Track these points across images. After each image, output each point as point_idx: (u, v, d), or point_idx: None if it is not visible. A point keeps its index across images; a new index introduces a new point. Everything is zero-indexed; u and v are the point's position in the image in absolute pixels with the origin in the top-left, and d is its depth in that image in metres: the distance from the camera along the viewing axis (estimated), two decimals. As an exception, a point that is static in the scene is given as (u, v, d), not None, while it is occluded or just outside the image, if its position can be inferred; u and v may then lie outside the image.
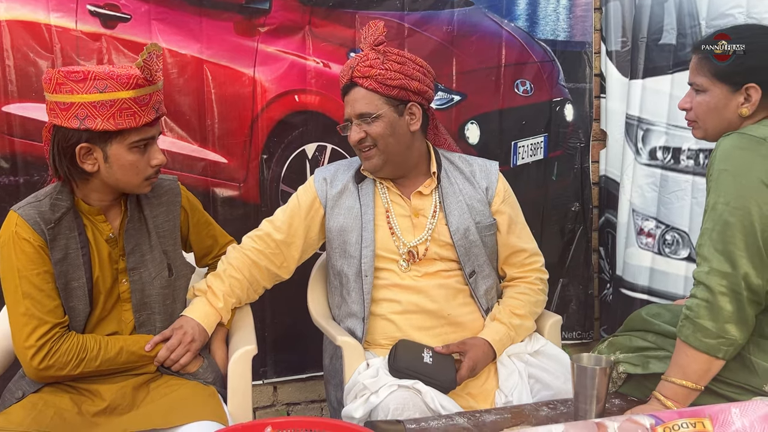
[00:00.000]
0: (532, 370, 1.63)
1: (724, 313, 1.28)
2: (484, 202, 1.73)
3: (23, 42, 2.12)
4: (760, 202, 1.26)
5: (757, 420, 0.89)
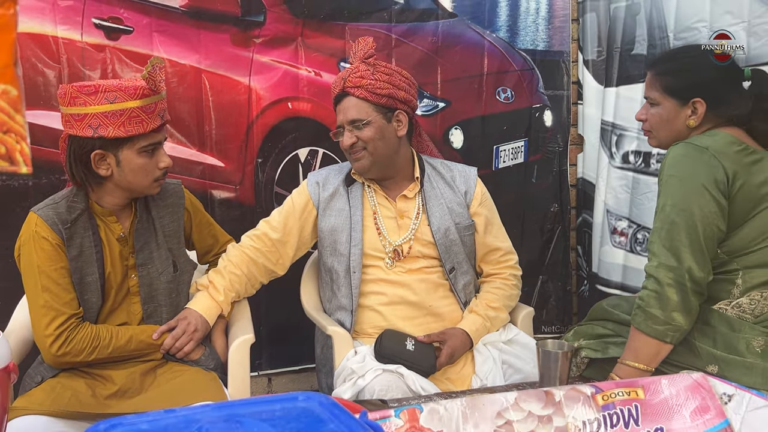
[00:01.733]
0: (505, 356, 1.78)
1: (671, 303, 1.44)
2: (463, 204, 1.88)
3: (32, 53, 2.23)
4: (702, 205, 1.42)
5: (683, 389, 1.05)
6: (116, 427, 0.69)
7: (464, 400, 0.97)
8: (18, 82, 0.65)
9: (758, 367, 1.42)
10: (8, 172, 0.65)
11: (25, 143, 0.68)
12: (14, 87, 0.64)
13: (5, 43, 0.63)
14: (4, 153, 0.66)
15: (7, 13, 0.62)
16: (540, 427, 0.98)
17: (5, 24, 0.62)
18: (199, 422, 0.69)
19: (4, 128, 0.64)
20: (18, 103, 0.64)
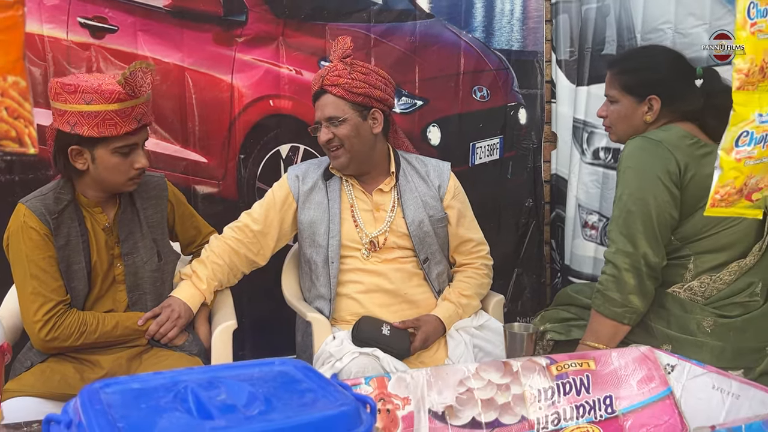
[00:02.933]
0: (476, 341, 1.88)
1: (628, 286, 1.54)
2: (437, 198, 1.97)
3: (18, 51, 2.29)
4: (656, 194, 1.53)
5: (631, 360, 1.14)
6: (110, 385, 0.76)
7: (429, 370, 1.05)
8: (26, 74, 0.72)
9: (708, 345, 1.53)
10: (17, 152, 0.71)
11: (33, 127, 0.75)
12: (23, 78, 0.72)
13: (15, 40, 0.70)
14: (15, 136, 0.73)
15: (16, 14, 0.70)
16: (499, 394, 1.07)
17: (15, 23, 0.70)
18: (185, 382, 0.77)
19: (15, 114, 0.71)
20: (26, 93, 0.72)
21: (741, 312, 1.55)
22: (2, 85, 0.70)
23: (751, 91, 1.08)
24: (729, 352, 1.53)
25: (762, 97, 1.09)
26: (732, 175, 1.09)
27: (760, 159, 1.10)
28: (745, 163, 1.09)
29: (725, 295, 1.56)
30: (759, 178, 1.12)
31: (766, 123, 1.09)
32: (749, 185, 1.11)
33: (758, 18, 1.05)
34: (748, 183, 1.11)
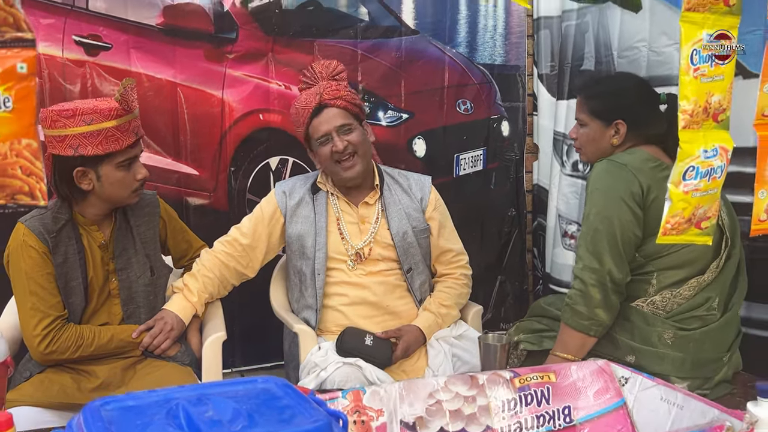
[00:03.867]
0: (455, 350, 1.97)
1: (594, 301, 1.64)
2: (419, 210, 2.06)
3: (14, 69, 2.36)
4: (621, 215, 1.62)
5: (588, 373, 1.24)
6: (110, 403, 0.85)
7: (402, 383, 1.15)
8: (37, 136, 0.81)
9: (669, 356, 1.63)
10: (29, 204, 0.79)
11: (43, 183, 0.84)
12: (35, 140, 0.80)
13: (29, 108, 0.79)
14: (27, 191, 0.82)
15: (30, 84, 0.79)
16: (465, 405, 1.16)
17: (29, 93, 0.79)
18: (176, 399, 0.86)
19: (27, 172, 0.80)
20: (38, 152, 0.81)
21: (699, 325, 1.65)
22: (17, 147, 0.79)
23: (696, 130, 1.18)
24: (689, 363, 1.63)
25: (707, 135, 1.19)
26: (681, 207, 1.19)
27: (706, 191, 1.20)
28: (692, 195, 1.19)
29: (685, 309, 1.66)
30: (707, 208, 1.22)
31: (711, 158, 1.19)
32: (698, 215, 1.21)
33: (700, 63, 1.15)
34: (696, 213, 1.21)
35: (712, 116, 1.19)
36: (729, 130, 1.23)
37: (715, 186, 1.21)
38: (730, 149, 1.22)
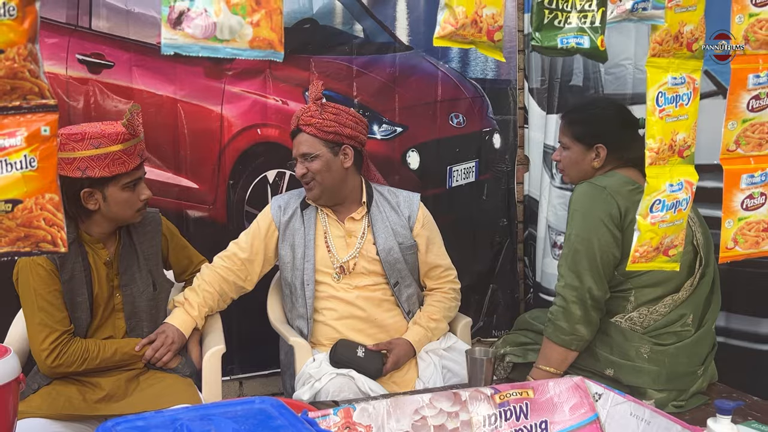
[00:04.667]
0: (444, 362, 2.06)
1: (575, 317, 1.72)
2: (407, 227, 2.15)
3: (20, 87, 2.43)
4: (600, 236, 1.71)
5: (564, 390, 1.32)
6: (120, 423, 0.93)
7: (389, 401, 1.23)
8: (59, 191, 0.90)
9: (645, 370, 1.72)
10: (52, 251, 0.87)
11: (63, 232, 0.93)
12: (56, 194, 0.89)
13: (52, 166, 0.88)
14: (50, 239, 0.90)
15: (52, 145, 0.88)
16: (449, 420, 1.25)
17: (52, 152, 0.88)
18: (181, 420, 0.94)
19: (50, 223, 0.89)
20: (59, 205, 0.89)
21: (675, 340, 1.74)
22: (41, 201, 0.88)
23: (662, 166, 1.26)
24: (664, 376, 1.72)
25: (672, 170, 1.28)
26: (648, 236, 1.28)
27: (672, 222, 1.29)
28: (659, 226, 1.28)
29: (661, 325, 1.74)
30: (673, 237, 1.31)
31: (677, 192, 1.28)
32: (665, 243, 1.30)
33: (666, 105, 1.24)
34: (663, 242, 1.30)
35: (678, 152, 1.27)
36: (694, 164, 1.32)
37: (681, 217, 1.30)
38: (695, 182, 1.31)
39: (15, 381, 1.31)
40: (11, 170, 0.87)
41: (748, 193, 1.33)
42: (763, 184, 1.34)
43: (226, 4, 0.92)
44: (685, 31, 1.23)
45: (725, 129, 1.32)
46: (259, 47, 0.97)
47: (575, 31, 1.13)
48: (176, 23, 0.91)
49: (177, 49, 0.92)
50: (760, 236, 1.35)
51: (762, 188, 1.34)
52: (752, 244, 1.36)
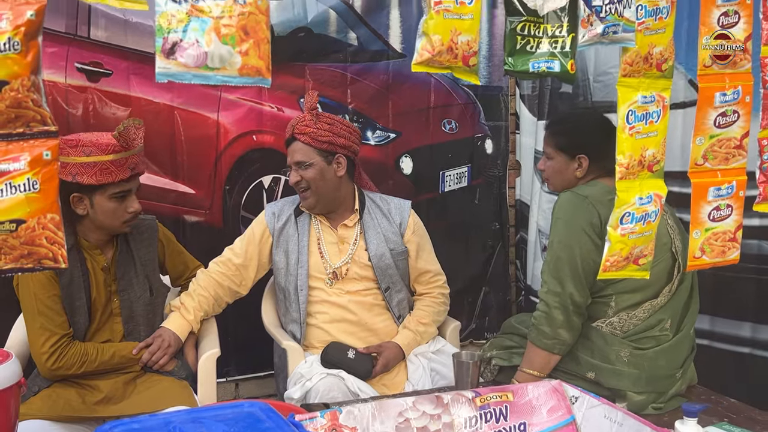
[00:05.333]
0: (433, 365, 2.12)
1: (557, 322, 1.78)
2: (398, 233, 2.21)
3: (20, 95, 2.49)
4: (581, 243, 1.77)
5: (543, 393, 1.38)
6: (117, 426, 0.99)
7: (374, 403, 1.29)
8: (59, 210, 0.96)
9: (625, 373, 1.78)
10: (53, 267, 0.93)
11: (64, 249, 0.99)
12: (57, 214, 0.95)
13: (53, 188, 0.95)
14: (51, 256, 0.96)
15: (53, 168, 0.94)
16: (431, 422, 1.31)
17: (53, 175, 0.95)
18: (174, 423, 1.00)
19: (51, 241, 0.95)
20: (59, 224, 0.95)
21: (653, 344, 1.80)
22: (43, 221, 0.94)
23: (632, 180, 1.32)
24: (644, 379, 1.78)
25: (642, 184, 1.34)
26: (618, 247, 1.34)
27: (641, 233, 1.35)
28: (628, 237, 1.34)
29: (640, 329, 1.80)
30: (643, 247, 1.37)
31: (646, 204, 1.34)
32: (635, 253, 1.36)
33: (636, 122, 1.30)
34: (633, 252, 1.36)
35: (648, 167, 1.34)
36: (663, 179, 1.38)
37: (650, 228, 1.36)
38: (664, 195, 1.37)
39: (16, 385, 1.36)
40: (15, 192, 0.93)
41: (715, 205, 1.39)
42: (730, 196, 1.40)
43: (217, 34, 0.98)
44: (654, 52, 1.29)
45: (693, 144, 1.38)
46: (248, 74, 1.03)
47: (546, 55, 1.20)
48: (169, 53, 0.97)
49: (170, 77, 0.98)
50: (726, 246, 1.41)
51: (728, 200, 1.40)
52: (719, 253, 1.42)
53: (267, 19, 1.05)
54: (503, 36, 1.24)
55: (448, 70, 1.22)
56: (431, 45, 1.15)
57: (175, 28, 0.95)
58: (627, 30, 1.23)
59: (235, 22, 0.98)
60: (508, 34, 1.23)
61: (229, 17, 0.97)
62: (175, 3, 0.95)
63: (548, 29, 1.18)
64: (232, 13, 0.97)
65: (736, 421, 1.69)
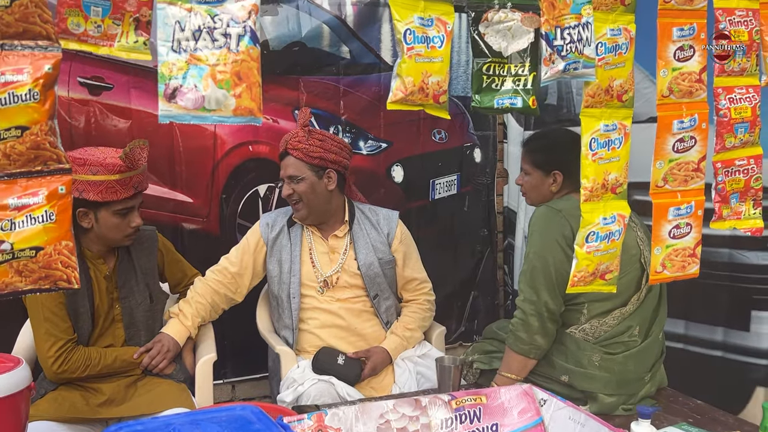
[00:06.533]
0: (419, 368, 2.23)
1: (533, 328, 1.90)
2: (386, 243, 2.32)
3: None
4: (555, 255, 1.88)
5: (514, 396, 1.49)
6: (122, 428, 1.10)
7: (357, 406, 1.40)
8: (72, 237, 1.08)
9: (597, 376, 1.89)
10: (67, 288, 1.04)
11: (77, 272, 1.10)
12: (71, 241, 1.07)
13: (67, 218, 1.06)
14: (65, 278, 1.08)
15: (67, 201, 1.05)
16: (410, 424, 1.42)
17: (67, 207, 1.06)
18: (174, 424, 1.11)
19: (65, 264, 1.06)
20: (73, 250, 1.07)
21: (623, 350, 1.91)
22: (59, 247, 1.05)
23: (596, 202, 1.44)
24: (614, 382, 1.89)
25: (606, 205, 1.45)
26: (585, 263, 1.45)
27: (606, 251, 1.46)
28: (594, 254, 1.45)
29: (610, 335, 1.92)
30: (609, 263, 1.48)
31: (609, 224, 1.45)
32: (601, 269, 1.48)
33: (598, 149, 1.41)
34: (599, 268, 1.47)
35: (611, 189, 1.45)
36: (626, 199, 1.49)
37: (614, 246, 1.48)
38: (627, 215, 1.48)
39: (27, 389, 1.47)
40: (35, 223, 1.05)
41: (675, 224, 1.50)
42: (689, 215, 1.51)
43: (213, 80, 1.09)
44: (615, 84, 1.41)
45: (654, 168, 1.50)
46: (241, 115, 1.14)
47: (510, 92, 1.31)
48: (171, 97, 1.08)
49: (171, 118, 1.09)
50: (686, 261, 1.53)
51: (688, 219, 1.51)
52: (679, 268, 1.54)
53: (258, 65, 1.17)
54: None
55: (421, 107, 1.33)
56: (404, 86, 1.26)
57: (176, 75, 1.07)
58: (587, 66, 1.35)
59: (230, 69, 1.09)
60: (474, 74, 1.34)
61: (224, 64, 1.08)
62: (175, 53, 1.06)
63: (512, 68, 1.29)
64: (227, 61, 1.08)
65: (700, 422, 1.80)
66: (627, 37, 1.39)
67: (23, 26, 1.06)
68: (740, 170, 1.55)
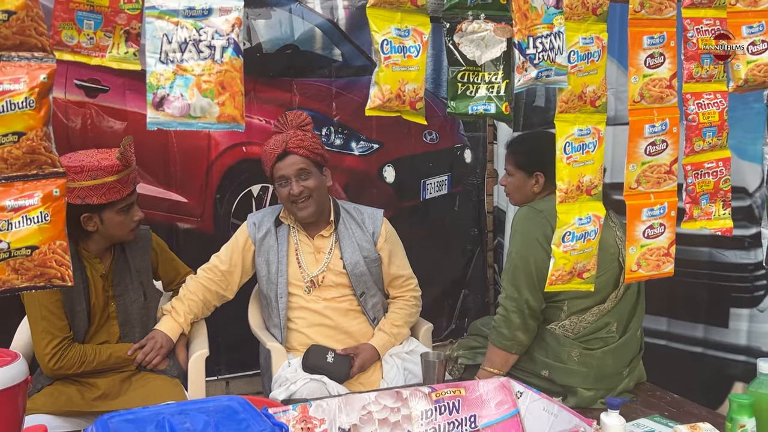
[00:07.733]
0: (406, 364, 2.29)
1: (514, 324, 1.96)
2: (371, 242, 2.36)
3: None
4: (535, 254, 1.94)
5: (492, 388, 1.55)
6: (114, 417, 1.17)
7: (341, 398, 1.46)
8: (66, 237, 1.14)
9: (576, 371, 1.96)
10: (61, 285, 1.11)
11: (70, 270, 1.17)
12: (65, 241, 1.13)
13: (60, 219, 1.13)
14: (60, 276, 1.14)
15: (61, 203, 1.12)
16: (391, 414, 1.48)
17: (61, 208, 1.13)
18: (163, 414, 1.17)
19: (59, 263, 1.12)
20: (67, 249, 1.14)
21: (601, 345, 1.97)
22: (53, 247, 1.12)
23: (571, 203, 1.50)
24: (592, 376, 1.95)
25: (582, 206, 1.51)
26: (562, 263, 1.51)
27: (582, 250, 1.52)
28: (570, 254, 1.51)
29: (589, 332, 1.98)
30: (585, 262, 1.54)
31: (585, 224, 1.51)
32: (578, 268, 1.53)
33: (572, 152, 1.47)
34: (576, 267, 1.53)
35: (586, 191, 1.51)
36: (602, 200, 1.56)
37: (590, 246, 1.54)
38: (602, 216, 1.54)
39: (24, 382, 1.53)
40: (30, 224, 1.12)
41: (649, 224, 1.56)
42: (662, 216, 1.57)
43: (198, 89, 1.15)
44: (587, 91, 1.47)
45: (627, 170, 1.56)
46: (225, 121, 1.20)
47: (484, 99, 1.37)
48: (158, 105, 1.14)
49: (159, 125, 1.16)
50: (661, 260, 1.59)
51: (661, 219, 1.57)
52: (654, 267, 1.60)
53: (241, 75, 1.23)
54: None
55: (398, 113, 1.39)
56: (382, 93, 1.32)
57: (163, 85, 1.13)
58: (559, 73, 1.40)
59: (214, 79, 1.16)
60: (450, 81, 1.40)
61: (209, 75, 1.15)
62: (163, 64, 1.13)
63: (486, 76, 1.35)
64: (211, 71, 1.15)
65: (675, 415, 1.86)
66: (599, 45, 1.45)
67: (20, 39, 1.12)
68: (709, 172, 1.61)
